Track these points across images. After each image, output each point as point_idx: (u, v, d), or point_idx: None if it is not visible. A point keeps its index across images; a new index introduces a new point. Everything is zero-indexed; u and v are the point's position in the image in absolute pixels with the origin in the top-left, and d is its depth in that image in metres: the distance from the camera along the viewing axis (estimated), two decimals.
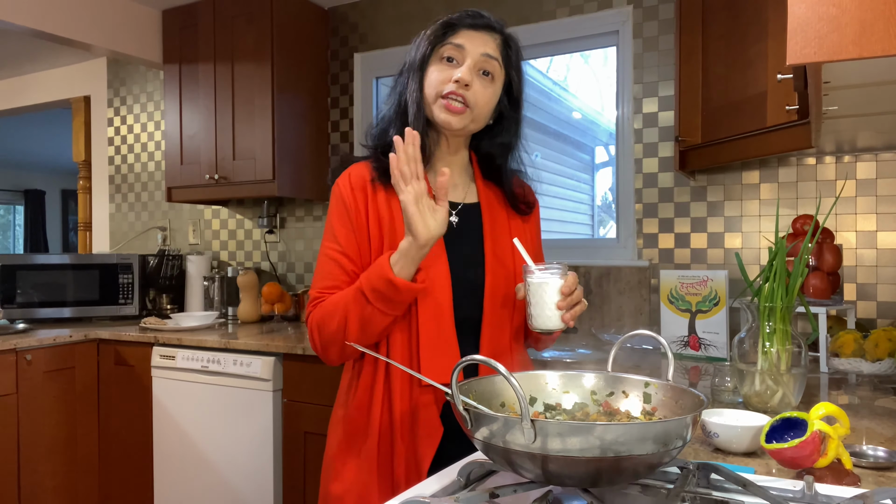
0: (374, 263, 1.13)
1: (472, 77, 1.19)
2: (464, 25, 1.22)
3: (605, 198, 3.28)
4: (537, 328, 1.12)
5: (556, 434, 0.71)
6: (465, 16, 1.23)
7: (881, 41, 0.83)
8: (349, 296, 1.14)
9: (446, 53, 1.21)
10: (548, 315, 1.10)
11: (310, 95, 3.08)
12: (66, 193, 9.06)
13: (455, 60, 1.21)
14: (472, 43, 1.21)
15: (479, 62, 1.20)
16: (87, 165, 3.96)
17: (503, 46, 1.24)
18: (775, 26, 1.67)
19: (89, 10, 2.96)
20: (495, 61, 1.22)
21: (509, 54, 1.25)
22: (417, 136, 1.09)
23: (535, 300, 1.11)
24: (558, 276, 1.10)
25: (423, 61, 1.23)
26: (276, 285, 3.04)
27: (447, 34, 1.22)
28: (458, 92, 1.19)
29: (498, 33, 1.24)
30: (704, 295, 2.01)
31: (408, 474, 1.16)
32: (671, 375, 0.95)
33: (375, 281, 1.10)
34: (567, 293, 1.10)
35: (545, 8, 2.68)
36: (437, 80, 1.21)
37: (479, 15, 1.24)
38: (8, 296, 3.00)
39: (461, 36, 1.21)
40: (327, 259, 1.22)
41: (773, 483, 0.85)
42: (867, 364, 1.66)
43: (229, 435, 2.48)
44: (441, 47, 1.22)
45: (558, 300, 1.10)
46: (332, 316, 1.16)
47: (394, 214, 1.21)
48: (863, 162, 2.13)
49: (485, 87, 1.21)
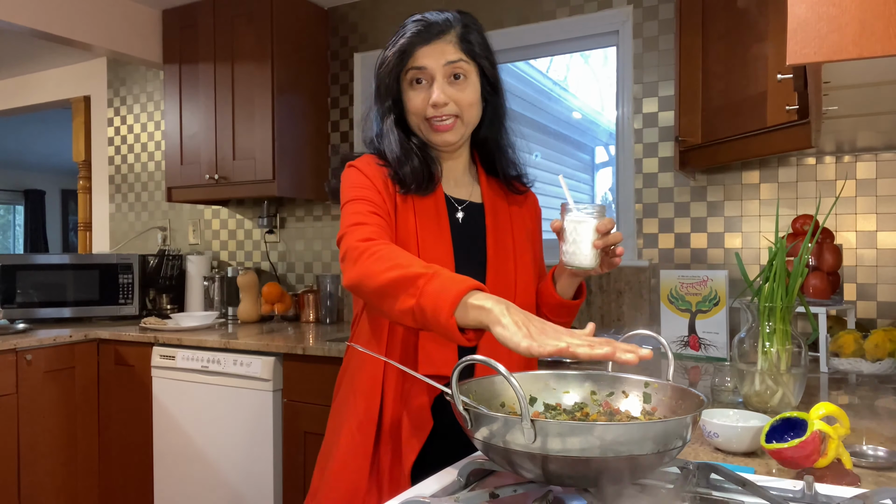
0: (446, 281, 0.93)
1: (446, 93, 1.19)
2: (417, 45, 1.20)
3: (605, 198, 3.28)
4: (571, 264, 1.12)
5: (556, 434, 0.71)
6: (413, 36, 1.20)
7: (881, 41, 0.83)
8: (405, 278, 0.96)
9: (412, 77, 1.21)
10: (584, 253, 1.10)
11: (310, 95, 3.08)
12: (66, 193, 9.05)
13: (423, 81, 1.21)
14: (432, 58, 1.19)
15: (446, 72, 1.20)
16: (87, 165, 3.96)
17: (462, 42, 1.21)
18: (775, 26, 1.67)
19: (89, 10, 2.96)
20: (461, 62, 1.20)
21: (471, 46, 1.22)
22: None
23: (571, 238, 1.12)
24: (595, 217, 1.11)
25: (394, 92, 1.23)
26: (276, 285, 3.05)
27: (404, 60, 1.21)
28: (440, 112, 1.19)
29: (451, 31, 1.21)
30: (704, 295, 2.01)
31: (392, 465, 1.17)
32: (671, 375, 0.95)
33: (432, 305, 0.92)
34: (603, 231, 1.10)
35: (545, 8, 2.68)
36: (414, 107, 1.21)
37: (427, 25, 1.21)
38: (8, 296, 3.00)
39: (418, 56, 1.20)
40: (360, 205, 1.16)
41: (773, 483, 0.85)
42: (867, 364, 1.66)
43: (229, 435, 2.48)
44: (405, 74, 1.21)
45: (595, 239, 1.10)
46: (378, 268, 1.01)
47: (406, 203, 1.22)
48: (863, 162, 2.13)
49: (462, 89, 1.21)
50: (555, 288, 1.29)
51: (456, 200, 1.29)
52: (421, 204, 1.23)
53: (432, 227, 1.22)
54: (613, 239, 1.11)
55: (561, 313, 1.31)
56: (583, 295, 1.32)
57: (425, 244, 1.20)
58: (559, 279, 1.29)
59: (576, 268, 1.12)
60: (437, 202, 1.24)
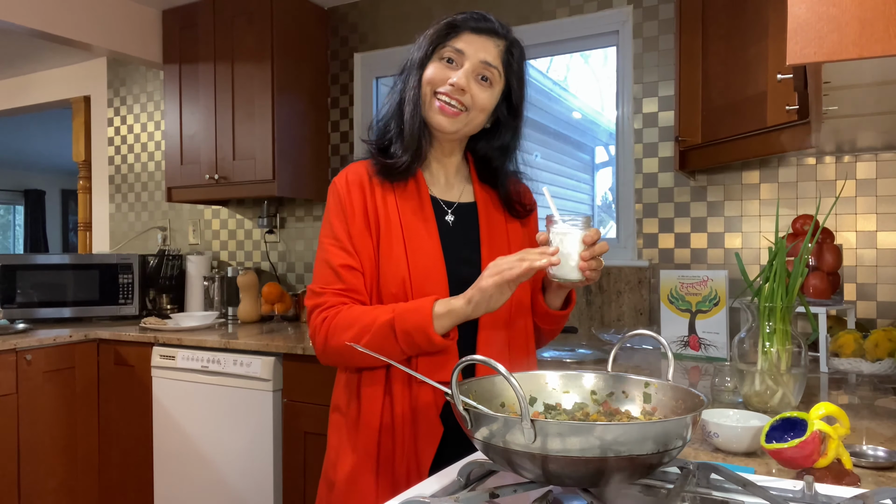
0: (416, 308, 1.11)
1: (468, 82, 1.19)
2: (467, 28, 1.21)
3: (605, 198, 3.28)
4: (557, 276, 1.12)
5: (556, 434, 0.71)
6: (469, 18, 1.22)
7: (881, 41, 0.83)
8: (375, 323, 1.12)
9: (446, 55, 1.21)
10: (570, 265, 1.10)
11: (310, 95, 3.08)
12: (66, 193, 9.05)
13: (454, 62, 1.21)
14: (473, 47, 1.20)
15: (477, 68, 1.20)
16: (87, 165, 3.96)
17: (505, 53, 1.23)
18: (775, 26, 1.67)
19: (89, 10, 2.96)
20: (494, 69, 1.21)
21: (511, 61, 1.24)
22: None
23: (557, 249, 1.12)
24: (581, 228, 1.11)
25: (424, 60, 1.23)
26: (276, 285, 3.04)
27: (449, 35, 1.21)
28: (454, 95, 1.19)
29: (502, 39, 1.23)
30: (704, 295, 2.01)
31: (408, 473, 1.16)
32: (671, 375, 0.95)
33: (412, 330, 1.10)
34: (590, 243, 1.10)
35: (545, 8, 2.68)
36: (433, 76, 1.21)
37: (484, 18, 1.22)
38: (8, 296, 3.00)
39: (463, 39, 1.20)
40: (330, 254, 1.22)
41: (773, 483, 0.85)
42: (867, 364, 1.66)
43: (229, 435, 2.48)
44: (442, 48, 1.21)
45: (581, 250, 1.10)
46: (347, 329, 1.15)
47: (389, 212, 1.22)
48: (863, 162, 2.13)
49: (482, 90, 1.21)
50: (543, 298, 1.29)
51: (445, 203, 1.28)
52: (406, 207, 1.23)
53: (420, 232, 1.22)
54: (599, 249, 1.11)
55: (549, 322, 1.32)
56: (571, 304, 1.32)
57: (413, 246, 1.20)
58: (547, 290, 1.29)
59: (562, 280, 1.12)
60: (423, 205, 1.24)
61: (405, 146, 1.22)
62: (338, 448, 1.24)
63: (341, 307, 1.18)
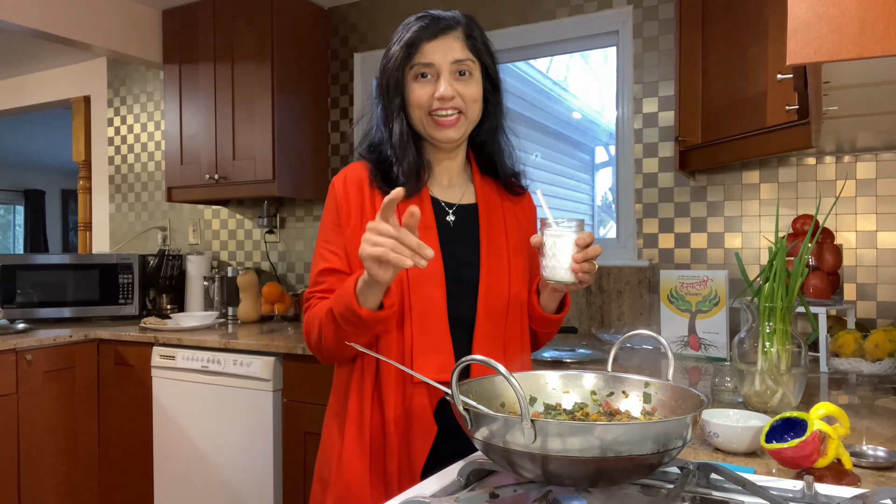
0: (341, 289, 1.10)
1: (451, 87, 1.20)
2: (423, 40, 1.21)
3: (605, 198, 3.28)
4: (551, 279, 1.13)
5: (556, 434, 0.71)
6: (420, 30, 1.21)
7: (881, 41, 0.83)
8: (323, 313, 1.14)
9: (418, 73, 1.22)
10: (564, 268, 1.10)
11: (310, 95, 3.08)
12: (66, 193, 9.05)
13: (428, 76, 1.21)
14: (439, 54, 1.20)
15: (452, 69, 1.20)
16: (87, 165, 3.96)
17: (468, 40, 1.23)
18: (775, 26, 1.67)
19: (89, 10, 2.96)
20: (468, 60, 1.22)
21: (476, 45, 1.24)
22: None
23: (551, 252, 1.12)
24: (574, 231, 1.11)
25: (399, 85, 1.23)
26: (276, 285, 3.04)
27: (412, 54, 1.21)
28: (446, 106, 1.20)
29: (458, 29, 1.22)
30: (704, 295, 2.01)
31: (401, 473, 1.16)
32: (671, 375, 0.95)
33: (342, 308, 1.09)
34: (583, 245, 1.10)
35: (545, 8, 2.68)
36: (419, 100, 1.21)
37: (434, 20, 1.22)
38: (8, 296, 3.00)
39: (425, 52, 1.20)
40: (319, 258, 1.25)
41: (773, 483, 0.85)
42: (867, 364, 1.66)
43: (229, 435, 2.48)
44: (410, 69, 1.22)
45: (574, 253, 1.10)
46: (311, 328, 1.19)
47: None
48: (863, 162, 2.13)
49: (466, 85, 1.22)
50: (538, 301, 1.29)
51: (446, 204, 1.28)
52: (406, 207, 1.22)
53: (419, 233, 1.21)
54: (593, 252, 1.11)
55: (543, 325, 1.31)
56: (566, 307, 1.32)
57: None
58: (542, 293, 1.29)
59: (556, 282, 1.12)
60: (423, 206, 1.23)
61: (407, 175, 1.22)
62: (331, 447, 1.24)
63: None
